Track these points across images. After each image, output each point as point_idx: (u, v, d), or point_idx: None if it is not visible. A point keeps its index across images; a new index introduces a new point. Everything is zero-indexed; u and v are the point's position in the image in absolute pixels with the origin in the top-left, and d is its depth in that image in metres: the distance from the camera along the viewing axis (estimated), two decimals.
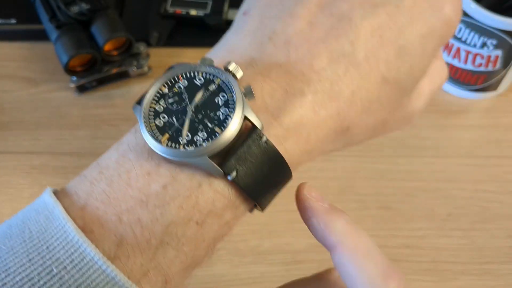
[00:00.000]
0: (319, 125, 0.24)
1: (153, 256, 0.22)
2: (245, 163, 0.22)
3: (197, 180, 0.22)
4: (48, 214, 0.21)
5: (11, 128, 0.51)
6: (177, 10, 0.57)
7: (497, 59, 0.48)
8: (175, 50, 0.57)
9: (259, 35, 0.25)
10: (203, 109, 0.23)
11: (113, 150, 0.24)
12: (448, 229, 0.45)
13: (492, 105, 0.53)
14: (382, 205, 0.46)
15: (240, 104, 0.22)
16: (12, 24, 0.56)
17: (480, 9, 0.45)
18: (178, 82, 0.24)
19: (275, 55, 0.24)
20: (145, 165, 0.22)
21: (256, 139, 0.22)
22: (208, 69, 0.24)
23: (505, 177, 0.48)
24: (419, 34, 0.25)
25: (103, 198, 0.22)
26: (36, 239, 0.21)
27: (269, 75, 0.24)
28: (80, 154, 0.49)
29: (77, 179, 0.23)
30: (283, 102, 0.23)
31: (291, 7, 0.25)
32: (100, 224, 0.21)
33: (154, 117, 0.23)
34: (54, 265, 0.20)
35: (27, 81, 0.54)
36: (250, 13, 0.26)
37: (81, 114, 0.52)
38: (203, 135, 0.22)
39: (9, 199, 0.46)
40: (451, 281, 0.43)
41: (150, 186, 0.22)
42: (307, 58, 0.24)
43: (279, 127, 0.23)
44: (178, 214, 0.22)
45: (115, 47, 0.52)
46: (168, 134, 0.23)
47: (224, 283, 0.42)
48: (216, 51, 0.26)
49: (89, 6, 0.52)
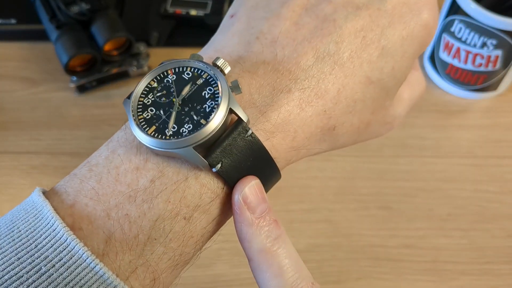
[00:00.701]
0: (306, 122, 0.25)
1: (141, 252, 0.22)
2: (230, 155, 0.22)
3: (184, 174, 0.22)
4: (37, 213, 0.22)
5: (11, 128, 0.51)
6: (177, 10, 0.57)
7: (497, 59, 0.48)
8: (175, 50, 0.57)
9: (246, 35, 0.26)
10: (190, 102, 0.23)
11: (103, 147, 0.24)
12: (448, 229, 0.45)
13: (492, 105, 0.53)
14: (382, 205, 0.46)
15: (226, 97, 0.22)
16: (12, 24, 0.56)
17: (480, 9, 0.45)
18: (167, 77, 0.24)
19: (262, 53, 0.25)
20: (133, 160, 0.23)
21: (242, 132, 0.23)
22: (196, 64, 0.24)
23: (505, 177, 0.48)
24: (400, 36, 0.26)
25: (92, 195, 0.22)
26: (25, 238, 0.21)
27: (256, 72, 0.24)
28: (80, 154, 0.49)
29: (67, 178, 0.24)
30: (271, 98, 0.24)
31: (277, 9, 0.26)
32: (89, 221, 0.21)
33: (142, 111, 0.23)
34: (42, 264, 0.20)
35: (27, 81, 0.54)
36: (237, 15, 0.27)
37: (81, 114, 0.52)
38: (189, 126, 0.22)
39: (9, 199, 0.46)
40: (451, 281, 0.43)
41: (138, 181, 0.22)
42: (294, 57, 0.24)
43: (267, 123, 0.24)
44: (165, 208, 0.22)
45: (115, 47, 0.52)
46: (155, 126, 0.23)
47: (224, 283, 0.42)
48: (204, 50, 0.27)
49: (89, 6, 0.52)
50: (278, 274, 0.23)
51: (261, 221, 0.23)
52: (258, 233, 0.23)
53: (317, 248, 0.44)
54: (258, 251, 0.23)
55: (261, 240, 0.23)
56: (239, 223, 0.23)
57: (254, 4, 0.27)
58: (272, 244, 0.23)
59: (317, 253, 0.43)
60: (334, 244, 0.44)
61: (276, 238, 0.23)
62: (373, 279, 0.43)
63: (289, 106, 0.24)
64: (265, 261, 0.23)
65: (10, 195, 0.46)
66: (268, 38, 0.25)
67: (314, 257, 0.43)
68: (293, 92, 0.24)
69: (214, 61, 0.23)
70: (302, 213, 0.45)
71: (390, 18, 0.26)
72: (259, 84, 0.24)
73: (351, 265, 0.43)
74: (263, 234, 0.23)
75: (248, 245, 0.23)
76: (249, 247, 0.23)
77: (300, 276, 0.23)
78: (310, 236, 0.44)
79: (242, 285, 0.42)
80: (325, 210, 0.46)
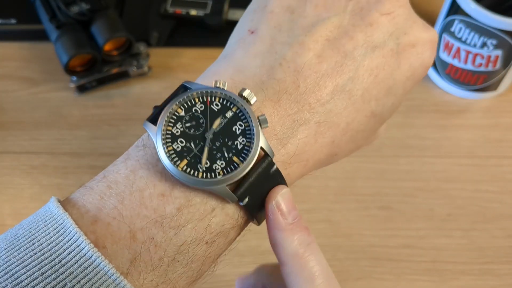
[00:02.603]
0: (317, 152, 0.26)
1: (164, 272, 0.22)
2: (256, 189, 0.24)
3: (211, 205, 0.23)
4: (58, 226, 0.22)
5: (11, 128, 0.51)
6: (177, 10, 0.57)
7: (497, 59, 0.48)
8: (175, 50, 0.57)
9: (269, 59, 0.26)
10: (221, 136, 0.23)
11: (121, 164, 0.24)
12: (448, 229, 0.45)
13: (492, 105, 0.53)
14: (382, 205, 0.46)
15: (257, 137, 0.23)
16: (12, 24, 0.56)
17: (480, 9, 0.45)
18: (195, 105, 0.24)
19: (284, 81, 0.25)
20: (158, 186, 0.23)
21: (267, 168, 0.24)
22: (223, 94, 0.24)
23: (505, 177, 0.48)
24: (405, 76, 0.28)
25: (115, 215, 0.22)
26: (48, 252, 0.21)
27: (278, 102, 0.25)
28: (80, 154, 0.49)
29: (83, 190, 0.23)
30: (291, 131, 0.25)
31: (300, 36, 0.26)
32: (113, 240, 0.22)
33: (171, 141, 0.23)
34: (68, 279, 0.20)
35: (27, 81, 0.54)
36: (258, 34, 0.27)
37: (81, 114, 0.52)
38: (221, 163, 0.23)
39: (9, 199, 0.46)
40: (451, 281, 0.43)
41: (164, 207, 0.23)
42: (314, 90, 0.25)
43: (286, 155, 0.25)
44: (190, 235, 0.23)
45: (115, 47, 0.52)
46: (187, 160, 0.23)
47: (224, 283, 0.42)
48: (223, 67, 0.27)
49: (89, 6, 0.52)
50: (309, 280, 0.24)
51: (294, 227, 0.24)
52: (292, 238, 0.24)
53: None
54: (292, 256, 0.24)
55: (294, 245, 0.24)
56: (273, 229, 0.24)
57: (277, 25, 0.27)
58: (304, 250, 0.24)
59: None
60: (334, 244, 0.44)
61: (308, 244, 0.24)
62: (373, 279, 0.43)
63: (307, 138, 0.25)
64: (298, 265, 0.24)
65: (10, 195, 0.46)
66: (291, 67, 0.26)
67: None
68: (311, 125, 0.25)
69: (240, 92, 0.24)
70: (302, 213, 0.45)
71: (399, 59, 0.27)
72: (280, 115, 0.25)
73: (351, 265, 0.43)
74: (296, 240, 0.24)
75: (282, 250, 0.24)
76: (283, 251, 0.24)
77: (329, 284, 0.24)
78: None
79: None
80: (325, 210, 0.46)
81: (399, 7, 0.28)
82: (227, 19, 0.57)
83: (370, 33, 0.27)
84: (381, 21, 0.27)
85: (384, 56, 0.27)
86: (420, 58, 0.28)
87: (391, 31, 0.27)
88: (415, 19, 0.28)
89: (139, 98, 0.53)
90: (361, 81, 0.26)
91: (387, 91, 0.27)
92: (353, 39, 0.26)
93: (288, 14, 0.27)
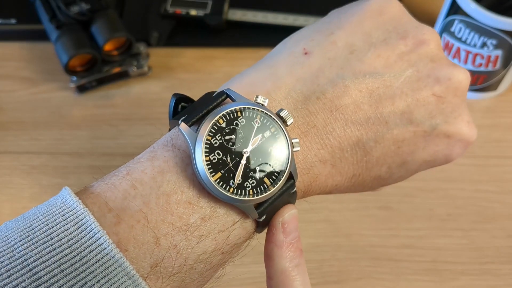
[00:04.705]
0: (321, 188, 0.28)
1: (181, 279, 0.23)
2: (274, 208, 0.25)
3: (233, 218, 0.24)
4: (78, 222, 0.21)
5: (11, 128, 0.51)
6: (177, 10, 0.57)
7: (497, 59, 0.48)
8: (175, 50, 0.57)
9: (309, 88, 0.26)
10: (256, 155, 0.24)
11: (147, 163, 0.24)
12: (448, 229, 0.45)
13: (492, 105, 0.53)
14: (382, 205, 0.46)
15: (291, 163, 0.24)
16: (12, 24, 0.56)
17: (480, 9, 0.45)
18: (237, 119, 0.24)
19: (316, 116, 0.26)
20: (186, 193, 0.23)
21: (289, 190, 0.25)
22: (265, 112, 0.24)
23: (505, 177, 0.48)
24: (424, 159, 0.28)
25: (140, 218, 0.22)
26: (68, 249, 0.21)
27: (306, 134, 0.26)
28: (80, 154, 0.49)
29: (104, 186, 0.23)
30: (310, 165, 0.26)
31: (347, 79, 0.26)
32: (136, 244, 0.22)
33: (209, 151, 0.23)
34: (87, 278, 0.20)
35: (27, 81, 0.54)
36: (310, 58, 0.27)
37: (81, 114, 0.52)
38: (252, 182, 0.23)
39: (9, 199, 0.46)
40: (451, 281, 0.43)
41: (190, 216, 0.23)
42: (339, 135, 0.26)
43: (302, 184, 0.26)
44: (211, 245, 0.23)
45: (115, 47, 0.52)
46: (221, 173, 0.23)
47: (224, 283, 0.42)
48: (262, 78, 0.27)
49: (89, 6, 0.52)
50: None
51: (290, 246, 0.25)
52: (285, 255, 0.25)
53: (317, 248, 0.44)
54: (281, 272, 0.25)
55: (284, 262, 0.25)
56: (271, 243, 0.25)
57: (331, 58, 0.27)
58: (292, 269, 0.25)
59: (317, 253, 0.43)
60: (334, 244, 0.44)
61: (297, 265, 0.25)
62: (373, 279, 0.43)
63: (320, 176, 0.27)
64: (284, 282, 0.25)
65: (10, 195, 0.46)
66: (327, 104, 0.26)
67: (314, 257, 0.43)
68: (327, 166, 0.26)
69: (278, 112, 0.24)
70: (302, 213, 0.45)
71: (428, 142, 0.28)
72: (306, 147, 0.26)
73: (351, 265, 0.43)
74: (288, 257, 0.25)
75: (272, 264, 0.25)
76: (272, 265, 0.25)
77: None
78: (310, 236, 0.44)
79: (242, 285, 0.42)
80: (325, 210, 0.46)
81: (453, 96, 0.27)
82: (227, 19, 0.57)
83: (413, 107, 0.27)
84: (429, 101, 0.27)
85: (415, 133, 0.27)
86: (448, 150, 0.28)
87: (434, 114, 0.27)
88: (463, 114, 0.28)
89: (139, 98, 0.53)
90: (383, 147, 0.27)
91: (402, 164, 0.28)
92: (394, 104, 0.26)
93: (347, 51, 0.27)
